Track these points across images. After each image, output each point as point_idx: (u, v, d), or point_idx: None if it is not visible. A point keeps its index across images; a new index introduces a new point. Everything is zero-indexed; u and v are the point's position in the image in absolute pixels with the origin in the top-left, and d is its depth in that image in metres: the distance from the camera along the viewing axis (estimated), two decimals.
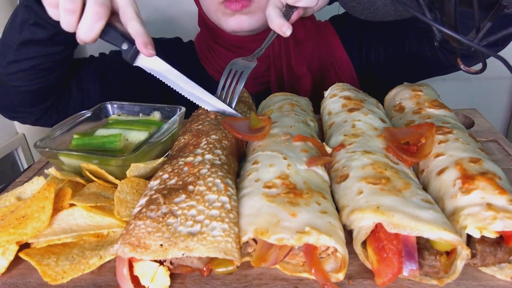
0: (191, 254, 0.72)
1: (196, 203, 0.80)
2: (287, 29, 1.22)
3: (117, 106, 1.35)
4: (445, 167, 0.91)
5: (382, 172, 0.88)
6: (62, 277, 0.79)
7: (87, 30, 1.08)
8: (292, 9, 1.25)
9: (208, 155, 0.95)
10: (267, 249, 0.77)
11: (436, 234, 0.72)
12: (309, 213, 0.78)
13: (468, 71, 0.98)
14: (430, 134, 0.98)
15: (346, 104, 1.21)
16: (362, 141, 1.01)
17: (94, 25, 1.08)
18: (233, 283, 0.78)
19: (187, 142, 1.03)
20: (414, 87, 1.27)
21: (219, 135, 1.04)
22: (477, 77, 2.82)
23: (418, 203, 0.79)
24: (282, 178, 0.87)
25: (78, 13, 1.07)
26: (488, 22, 0.87)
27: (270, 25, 1.24)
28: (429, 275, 0.76)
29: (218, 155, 0.96)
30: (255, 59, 1.26)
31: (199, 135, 1.04)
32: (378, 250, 0.76)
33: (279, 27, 1.22)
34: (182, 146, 1.03)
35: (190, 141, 1.03)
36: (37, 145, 1.08)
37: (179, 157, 0.96)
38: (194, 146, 0.99)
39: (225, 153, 0.99)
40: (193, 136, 1.05)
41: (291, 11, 1.25)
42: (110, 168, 1.01)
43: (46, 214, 0.86)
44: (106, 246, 0.86)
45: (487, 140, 1.23)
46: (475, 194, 0.80)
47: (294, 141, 1.01)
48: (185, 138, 1.06)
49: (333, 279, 0.75)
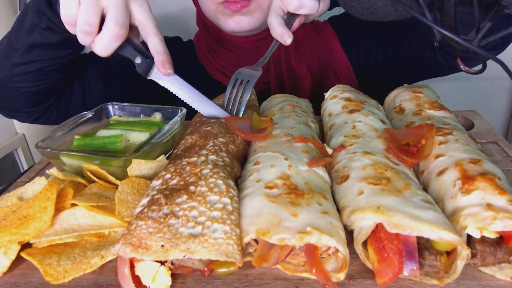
0: (192, 256, 0.72)
1: (198, 204, 0.80)
2: (287, 38, 1.24)
3: (118, 107, 1.35)
4: (445, 167, 0.91)
5: (383, 173, 0.88)
6: (64, 276, 0.80)
7: (103, 47, 1.08)
8: (293, 16, 1.26)
9: (212, 156, 0.95)
10: (268, 249, 0.77)
11: (436, 234, 0.73)
12: (310, 213, 0.79)
13: (468, 71, 0.98)
14: (430, 135, 0.98)
15: (347, 106, 1.21)
16: (363, 142, 1.01)
17: (111, 44, 1.08)
18: (234, 283, 0.78)
19: (194, 142, 1.04)
20: (414, 89, 1.28)
21: (227, 139, 1.05)
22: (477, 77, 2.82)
23: (418, 203, 0.80)
24: (283, 179, 0.87)
25: (95, 34, 1.08)
26: (488, 22, 0.87)
27: (272, 33, 1.26)
28: (430, 275, 0.76)
29: (222, 157, 0.96)
30: (260, 68, 1.26)
31: (207, 136, 1.05)
32: (378, 250, 0.76)
33: (280, 36, 1.24)
34: (189, 146, 1.03)
35: (197, 142, 1.03)
36: (39, 145, 1.08)
37: (183, 157, 0.96)
38: (200, 147, 1.00)
39: (230, 156, 0.99)
40: (201, 137, 1.05)
41: (292, 19, 1.25)
42: (111, 169, 1.01)
43: (48, 214, 0.86)
44: (107, 246, 0.86)
45: (487, 142, 1.24)
46: (475, 194, 0.81)
47: (295, 142, 1.01)
48: (193, 138, 1.06)
49: (334, 279, 0.76)
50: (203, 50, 1.84)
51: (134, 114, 1.34)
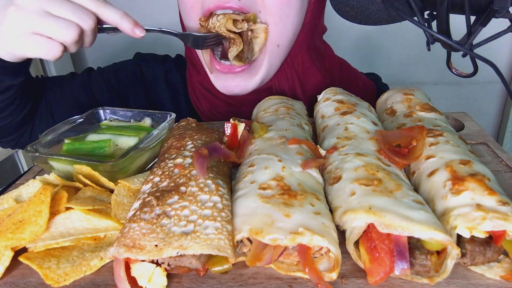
0: (185, 252, 0.73)
1: (189, 203, 0.81)
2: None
3: (109, 111, 1.35)
4: (435, 168, 0.92)
5: (374, 174, 0.89)
6: (65, 279, 0.80)
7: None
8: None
9: None
10: (261, 249, 0.78)
11: (427, 234, 0.74)
12: (303, 214, 0.80)
13: (459, 74, 0.99)
14: (421, 137, 0.99)
15: (339, 108, 1.22)
16: (355, 143, 1.02)
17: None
18: (229, 282, 0.79)
19: (170, 145, 1.05)
20: (406, 91, 1.29)
21: (204, 139, 1.06)
22: (468, 81, 2.85)
23: (409, 204, 0.80)
24: (277, 180, 0.88)
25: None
26: (479, 26, 0.88)
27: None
28: (420, 274, 0.77)
29: None
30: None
31: (181, 138, 1.06)
32: (370, 249, 0.77)
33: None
34: (166, 150, 1.04)
35: (173, 144, 1.04)
36: (28, 149, 1.09)
37: (166, 159, 0.97)
38: (178, 148, 1.01)
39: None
40: (176, 140, 1.06)
41: None
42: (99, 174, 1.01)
43: (43, 218, 0.86)
44: (105, 247, 0.87)
45: (477, 143, 1.25)
46: (465, 195, 0.82)
47: (289, 144, 1.02)
48: (168, 142, 1.07)
49: (326, 278, 0.77)
50: (195, 92, 1.67)
51: (125, 119, 1.34)
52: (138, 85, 1.73)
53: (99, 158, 1.09)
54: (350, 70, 1.80)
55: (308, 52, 1.54)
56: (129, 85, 1.73)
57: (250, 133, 1.10)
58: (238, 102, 1.57)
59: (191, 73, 1.66)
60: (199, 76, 1.60)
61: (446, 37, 0.90)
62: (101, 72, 1.76)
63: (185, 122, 1.20)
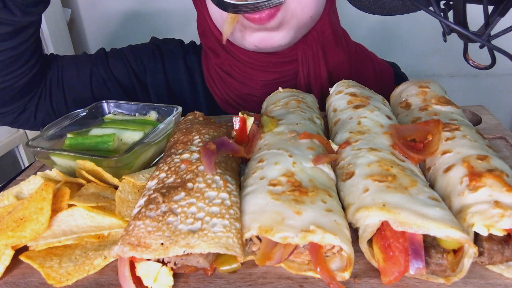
0: (192, 250, 0.71)
1: (196, 200, 0.80)
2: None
3: (113, 105, 1.34)
4: (452, 164, 0.90)
5: (388, 170, 0.87)
6: (67, 279, 0.79)
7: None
8: None
9: None
10: (271, 248, 0.76)
11: (443, 232, 0.72)
12: (314, 211, 0.78)
13: (476, 66, 0.97)
14: (437, 131, 0.97)
15: (352, 101, 1.20)
16: (368, 138, 1.00)
17: None
18: (237, 282, 0.77)
19: (177, 140, 1.03)
20: (421, 84, 1.26)
21: (211, 133, 1.04)
22: (486, 73, 2.83)
23: (424, 201, 0.79)
24: (287, 176, 0.87)
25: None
26: (497, 17, 0.86)
27: None
28: (436, 274, 0.75)
29: None
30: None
31: (188, 132, 1.04)
32: (384, 248, 0.76)
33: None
34: (172, 145, 1.02)
35: (179, 138, 1.02)
36: (29, 144, 1.07)
37: (172, 154, 0.96)
38: (185, 143, 0.99)
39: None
40: (182, 134, 1.04)
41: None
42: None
43: (45, 216, 0.85)
44: (109, 246, 0.86)
45: (495, 137, 1.22)
46: (482, 191, 0.80)
47: (300, 139, 1.00)
48: (175, 137, 1.06)
49: (338, 278, 0.75)
50: (212, 76, 1.71)
51: (129, 112, 1.32)
52: (156, 61, 1.76)
53: (103, 153, 1.07)
54: (367, 54, 1.82)
55: (333, 31, 1.57)
56: (146, 62, 1.75)
57: (259, 127, 1.09)
58: (253, 83, 1.60)
59: (208, 57, 1.69)
60: (218, 59, 1.63)
61: (462, 27, 0.88)
62: (118, 50, 1.79)
63: (192, 116, 1.18)
